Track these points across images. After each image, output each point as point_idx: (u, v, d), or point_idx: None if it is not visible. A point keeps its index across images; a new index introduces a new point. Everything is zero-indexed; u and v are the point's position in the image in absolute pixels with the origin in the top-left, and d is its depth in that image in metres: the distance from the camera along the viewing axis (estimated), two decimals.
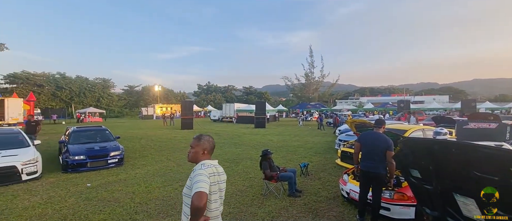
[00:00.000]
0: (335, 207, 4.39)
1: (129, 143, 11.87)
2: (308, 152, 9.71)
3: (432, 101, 56.32)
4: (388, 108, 42.95)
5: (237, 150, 10.23)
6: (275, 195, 4.89)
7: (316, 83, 56.68)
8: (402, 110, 28.70)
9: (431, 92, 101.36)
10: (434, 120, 15.62)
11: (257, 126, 21.20)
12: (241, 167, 7.20)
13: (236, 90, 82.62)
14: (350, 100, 77.48)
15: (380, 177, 3.60)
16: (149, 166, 7.35)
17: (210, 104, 58.15)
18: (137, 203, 4.54)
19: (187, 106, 20.86)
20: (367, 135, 3.93)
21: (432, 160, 1.88)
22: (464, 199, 1.79)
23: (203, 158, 1.78)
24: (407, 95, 74.81)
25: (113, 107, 51.47)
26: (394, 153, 3.51)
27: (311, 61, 55.99)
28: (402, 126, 8.66)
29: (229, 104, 33.49)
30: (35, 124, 9.47)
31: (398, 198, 3.76)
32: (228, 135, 15.80)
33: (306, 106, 45.87)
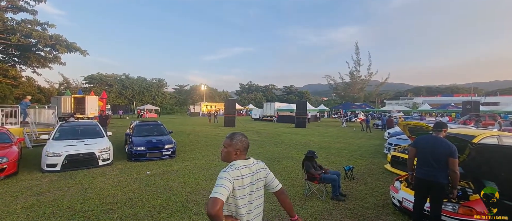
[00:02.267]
0: (384, 216, 4.11)
1: (179, 137, 12.97)
2: (352, 154, 9.21)
3: (511, 102, 47.09)
4: (450, 110, 37.40)
5: (278, 149, 10.28)
6: (317, 197, 4.80)
7: (362, 82, 52.86)
8: (468, 113, 24.86)
9: (510, 91, 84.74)
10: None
11: (297, 126, 20.91)
12: (282, 166, 7.24)
13: (276, 89, 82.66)
14: (402, 100, 70.26)
15: (440, 186, 3.20)
16: (196, 160, 7.94)
17: (251, 103, 59.56)
18: (187, 193, 4.99)
19: (230, 104, 21.88)
20: (424, 139, 3.53)
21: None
22: None
23: (236, 158, 1.72)
24: (475, 95, 64.24)
25: (166, 105, 56.89)
26: (458, 160, 3.12)
27: (357, 59, 52.50)
28: (469, 131, 7.50)
29: (269, 103, 33.75)
30: (106, 118, 11.20)
31: (464, 213, 3.30)
32: (268, 133, 15.97)
33: (351, 106, 43.22)
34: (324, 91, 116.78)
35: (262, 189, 1.82)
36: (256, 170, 1.76)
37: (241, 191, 1.64)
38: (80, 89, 28.64)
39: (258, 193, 1.77)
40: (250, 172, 1.71)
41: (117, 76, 53.19)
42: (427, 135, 3.56)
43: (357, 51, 52.40)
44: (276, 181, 1.89)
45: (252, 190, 1.72)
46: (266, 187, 1.87)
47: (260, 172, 1.79)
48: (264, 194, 1.85)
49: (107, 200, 4.57)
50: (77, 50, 23.89)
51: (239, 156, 1.73)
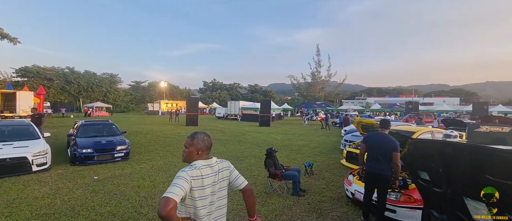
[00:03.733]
0: (339, 208, 4.35)
1: (135, 138, 12.03)
2: (312, 151, 9.65)
3: (442, 103, 55.12)
4: (395, 109, 42.25)
5: (241, 147, 10.25)
6: (278, 194, 4.88)
7: (322, 83, 56.22)
8: (410, 112, 28.23)
9: (441, 93, 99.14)
10: (444, 123, 15.29)
11: (261, 124, 21.18)
12: (245, 165, 7.21)
13: (241, 88, 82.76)
14: (357, 100, 76.59)
15: (386, 178, 3.54)
16: (154, 161, 7.43)
17: (215, 101, 58.49)
18: (142, 197, 4.60)
19: (192, 102, 21.05)
20: (373, 136, 3.86)
21: (443, 162, 1.83)
22: (475, 203, 1.73)
23: (197, 158, 1.66)
24: (415, 97, 73.40)
25: (120, 102, 52.28)
26: (400, 154, 3.45)
27: (318, 60, 55.58)
28: (410, 128, 8.49)
29: (234, 102, 33.58)
30: (39, 117, 9.63)
31: (405, 201, 3.70)
32: (232, 132, 15.84)
33: (312, 105, 45.60)
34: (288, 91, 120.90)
35: (226, 189, 1.75)
36: (219, 170, 1.69)
37: (201, 191, 1.56)
38: (10, 84, 24.37)
39: (220, 193, 1.70)
40: (212, 172, 1.64)
41: (59, 69, 46.81)
42: (375, 132, 3.89)
43: (318, 53, 55.53)
44: (241, 179, 1.83)
45: (214, 190, 1.64)
46: (231, 186, 1.80)
47: (223, 171, 1.72)
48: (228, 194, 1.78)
49: (42, 210, 3.94)
50: (5, 37, 20.41)
51: (201, 156, 1.66)
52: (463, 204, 1.82)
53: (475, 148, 1.70)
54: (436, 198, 2.09)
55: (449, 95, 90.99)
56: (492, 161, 1.44)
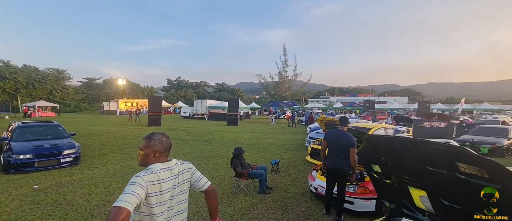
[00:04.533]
0: (303, 203, 4.49)
1: (86, 140, 10.93)
2: (279, 149, 9.86)
3: (394, 101, 61.34)
4: (355, 107, 45.60)
5: (208, 147, 10.01)
6: (245, 193, 4.86)
7: (289, 82, 57.87)
8: (367, 110, 30.70)
9: (392, 93, 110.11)
10: (395, 119, 17.01)
11: (229, 123, 21.01)
12: (211, 165, 7.05)
13: (208, 86, 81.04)
14: (321, 99, 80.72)
15: (344, 173, 3.76)
16: (109, 165, 6.83)
17: (180, 100, 56.16)
18: (93, 206, 4.17)
19: (155, 101, 19.81)
20: (332, 133, 4.06)
21: (392, 156, 1.98)
22: (417, 192, 1.91)
23: (154, 161, 1.53)
24: (372, 96, 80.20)
25: (69, 101, 46.96)
26: (357, 150, 3.69)
27: (284, 60, 56.96)
28: (367, 124, 9.23)
29: (201, 101, 32.64)
30: None
31: (361, 192, 3.96)
32: (199, 132, 15.39)
33: (279, 104, 46.73)
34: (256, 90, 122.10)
35: (187, 192, 1.65)
36: (179, 172, 1.58)
37: (159, 197, 1.43)
38: None
39: (181, 197, 1.59)
40: (171, 175, 1.52)
41: None
42: (335, 129, 4.10)
43: (285, 53, 56.92)
44: (204, 180, 1.74)
45: (174, 194, 1.53)
46: (193, 188, 1.70)
47: (184, 173, 1.62)
48: (189, 197, 1.68)
49: None
50: None
51: (159, 159, 1.53)
52: (408, 192, 1.99)
53: (417, 142, 1.87)
54: (386, 189, 2.25)
55: (399, 94, 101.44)
56: (430, 153, 1.59)
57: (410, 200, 2.03)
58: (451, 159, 1.44)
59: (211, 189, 1.75)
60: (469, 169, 1.35)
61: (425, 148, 1.66)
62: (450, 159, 1.45)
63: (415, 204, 1.99)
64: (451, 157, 1.44)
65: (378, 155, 2.12)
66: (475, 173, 1.33)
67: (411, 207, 2.06)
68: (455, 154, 1.41)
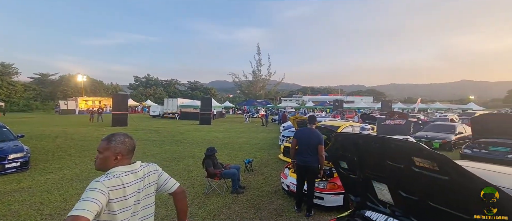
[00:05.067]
0: (276, 200, 4.55)
1: (39, 142, 9.86)
2: (253, 148, 9.89)
3: (360, 101, 65.35)
4: (326, 106, 47.66)
5: (179, 148, 9.67)
6: (218, 193, 4.78)
7: (263, 81, 58.35)
8: (337, 109, 32.28)
9: (359, 93, 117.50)
10: (361, 118, 18.15)
11: (202, 123, 20.56)
12: (183, 166, 6.82)
13: (180, 84, 78.45)
14: (294, 98, 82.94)
15: (314, 169, 3.91)
16: (66, 170, 6.24)
17: (149, 99, 53.43)
18: (46, 215, 3.76)
19: (120, 100, 18.48)
20: (302, 131, 4.19)
21: (357, 152, 2.08)
22: (379, 185, 2.03)
23: (116, 165, 1.41)
24: (341, 95, 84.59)
25: (17, 99, 42.06)
26: (325, 147, 3.83)
27: (258, 59, 57.31)
28: (336, 123, 9.69)
29: (171, 99, 31.40)
30: None
31: (330, 188, 4.13)
32: (169, 132, 14.81)
33: (253, 103, 46.93)
34: (230, 88, 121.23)
35: (153, 196, 1.55)
36: (144, 175, 1.48)
37: (123, 203, 1.33)
38: None
39: (146, 201, 1.49)
40: (136, 178, 1.42)
41: None
42: (304, 128, 4.23)
43: (259, 52, 57.26)
44: (172, 181, 1.65)
45: (139, 198, 1.43)
46: (161, 190, 1.60)
47: (150, 176, 1.51)
48: (157, 201, 1.58)
49: None
50: None
51: (121, 161, 1.42)
52: (372, 186, 2.11)
53: (379, 139, 2.00)
54: (352, 184, 2.37)
55: (365, 94, 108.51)
56: (390, 149, 1.71)
57: (373, 194, 2.15)
58: (407, 154, 1.56)
59: (180, 190, 1.67)
60: (423, 163, 1.47)
61: (386, 144, 1.77)
62: (407, 154, 1.56)
63: (378, 197, 2.12)
64: (407, 152, 1.56)
65: (345, 152, 2.22)
66: (428, 166, 1.45)
67: (374, 200, 2.18)
68: (411, 150, 1.53)
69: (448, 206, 1.52)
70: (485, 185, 1.23)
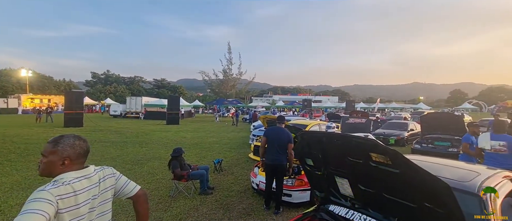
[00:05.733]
0: (245, 200, 4.54)
1: None
2: (223, 148, 9.76)
3: (327, 101, 68.89)
4: (295, 105, 49.21)
5: (143, 149, 9.12)
6: (185, 195, 4.60)
7: (233, 80, 57.95)
8: (305, 108, 33.52)
9: (326, 93, 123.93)
10: (328, 117, 19.13)
11: (169, 123, 19.72)
12: (147, 169, 6.43)
13: (145, 82, 74.34)
14: (265, 98, 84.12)
15: (283, 167, 3.99)
16: (5, 177, 5.49)
17: (109, 97, 49.53)
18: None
19: (74, 97, 16.67)
20: (271, 130, 4.24)
21: (321, 149, 2.15)
22: (341, 180, 2.13)
23: (63, 170, 1.27)
24: (309, 95, 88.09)
25: None
26: (293, 145, 3.94)
27: (229, 58, 56.70)
28: (304, 121, 10.04)
29: (135, 98, 29.50)
30: None
31: (298, 185, 4.24)
32: (132, 132, 13.91)
33: (224, 102, 46.41)
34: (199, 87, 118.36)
35: (110, 201, 1.42)
36: (100, 180, 1.35)
37: (75, 212, 1.19)
38: None
39: (102, 208, 1.35)
40: (90, 184, 1.28)
41: None
42: (273, 127, 4.29)
43: (230, 50, 56.63)
44: (132, 184, 1.52)
45: (94, 206, 1.30)
46: (119, 194, 1.48)
47: (106, 180, 1.39)
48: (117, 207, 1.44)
49: None
50: None
51: (70, 167, 1.28)
52: (335, 182, 2.21)
53: (340, 137, 2.11)
54: (317, 180, 2.45)
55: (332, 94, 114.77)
56: (350, 146, 1.80)
57: (336, 188, 2.26)
58: (365, 150, 1.66)
59: (142, 193, 1.56)
60: (378, 157, 1.58)
61: (346, 141, 1.87)
62: (365, 150, 1.67)
63: (340, 191, 2.23)
64: (365, 148, 1.66)
65: (310, 149, 2.29)
66: (382, 161, 1.57)
67: (337, 194, 2.29)
68: (368, 146, 1.63)
69: (399, 196, 1.66)
70: (427, 175, 1.36)
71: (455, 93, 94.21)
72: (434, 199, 1.41)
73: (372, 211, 1.99)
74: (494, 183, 1.93)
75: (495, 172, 2.18)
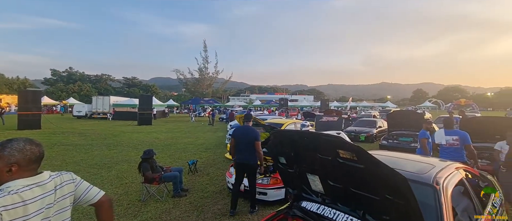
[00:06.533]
0: (220, 200, 4.46)
1: None
2: (198, 148, 9.54)
3: (303, 100, 70.77)
4: (272, 104, 49.78)
5: (111, 152, 8.59)
6: (157, 199, 4.41)
7: (210, 79, 56.76)
8: (282, 107, 34.11)
9: (302, 92, 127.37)
10: (303, 115, 19.65)
11: (141, 123, 18.83)
12: (115, 173, 6.06)
13: (114, 80, 70.13)
14: (242, 97, 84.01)
15: (252, 166, 3.89)
16: None
17: (73, 96, 45.89)
18: None
19: (29, 97, 15.15)
20: (238, 129, 4.12)
21: (293, 148, 2.18)
22: (312, 177, 2.18)
23: (10, 178, 1.16)
24: (286, 94, 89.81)
25: None
26: (261, 142, 3.85)
27: (205, 56, 55.30)
28: (281, 120, 10.18)
29: (102, 97, 27.69)
30: None
31: (273, 183, 4.27)
32: (99, 134, 13.06)
33: (200, 101, 45.37)
34: (174, 86, 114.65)
35: (68, 209, 1.30)
36: (56, 186, 1.23)
37: None
38: None
39: (59, 217, 1.24)
40: (43, 192, 1.17)
41: None
42: (241, 126, 4.19)
43: (206, 48, 55.12)
44: (94, 190, 1.41)
45: (49, 215, 1.18)
46: (80, 201, 1.37)
47: (64, 187, 1.27)
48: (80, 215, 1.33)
49: None
50: None
51: (19, 174, 1.16)
52: (306, 179, 2.25)
53: (310, 135, 2.17)
54: (290, 178, 2.49)
55: (307, 93, 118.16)
56: (320, 143, 1.85)
57: (308, 185, 2.31)
58: (334, 147, 1.72)
59: (105, 199, 1.45)
60: (345, 154, 1.65)
61: (316, 139, 1.92)
62: (333, 147, 1.73)
63: (312, 188, 2.28)
64: (334, 146, 1.72)
65: (283, 148, 2.31)
66: (349, 157, 1.64)
67: (309, 191, 2.34)
68: (336, 143, 1.70)
69: (364, 190, 1.74)
70: (387, 170, 1.45)
71: (418, 92, 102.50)
72: (394, 191, 1.51)
73: (341, 205, 2.06)
74: (446, 174, 2.11)
75: (447, 164, 2.39)
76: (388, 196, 1.56)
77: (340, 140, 1.67)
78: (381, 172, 1.49)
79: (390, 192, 1.54)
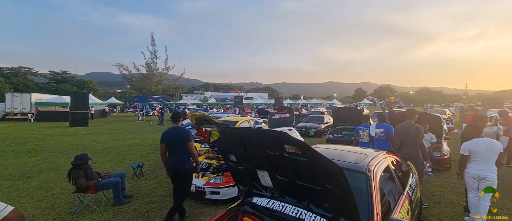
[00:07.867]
0: (169, 204, 4.16)
1: None
2: (146, 150, 8.80)
3: (258, 97, 72.14)
4: (227, 102, 49.34)
5: (33, 159, 7.27)
6: (93, 209, 3.87)
7: (159, 75, 52.67)
8: (237, 105, 34.13)
9: (257, 90, 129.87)
10: (258, 113, 20.05)
11: (74, 124, 16.45)
12: (37, 183, 5.12)
13: (36, 74, 59.62)
14: (196, 95, 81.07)
15: (188, 170, 3.52)
16: None
17: None
18: None
19: None
20: (167, 132, 3.60)
21: (242, 145, 2.15)
22: (262, 173, 2.20)
23: None
24: (241, 92, 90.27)
25: None
26: (193, 142, 3.58)
27: (153, 50, 50.86)
28: (235, 118, 10.13)
29: (20, 94, 23.24)
30: None
31: (226, 181, 4.19)
32: (17, 139, 10.93)
33: (148, 99, 41.93)
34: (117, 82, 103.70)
35: None
36: None
37: None
38: None
39: None
40: None
41: None
42: (169, 128, 3.67)
43: (153, 42, 50.55)
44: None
45: None
46: None
47: None
48: None
49: None
50: None
51: None
52: (256, 175, 2.25)
53: (258, 132, 2.19)
54: (240, 175, 2.46)
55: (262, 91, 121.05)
56: (268, 140, 1.89)
57: (258, 181, 2.31)
58: (280, 143, 1.76)
59: (13, 215, 1.23)
60: (291, 149, 1.70)
61: (264, 136, 1.94)
62: (280, 143, 1.76)
63: (261, 183, 2.29)
64: (280, 141, 1.75)
65: (233, 145, 2.26)
66: (294, 151, 1.70)
67: (259, 187, 2.36)
68: (282, 139, 1.74)
69: (308, 182, 1.84)
70: (326, 161, 1.56)
71: (358, 91, 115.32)
72: (332, 180, 1.63)
73: (288, 198, 2.14)
74: (376, 162, 2.39)
75: (378, 153, 2.71)
76: (327, 185, 1.68)
77: (286, 136, 1.71)
78: (321, 164, 1.59)
79: (329, 181, 1.66)
